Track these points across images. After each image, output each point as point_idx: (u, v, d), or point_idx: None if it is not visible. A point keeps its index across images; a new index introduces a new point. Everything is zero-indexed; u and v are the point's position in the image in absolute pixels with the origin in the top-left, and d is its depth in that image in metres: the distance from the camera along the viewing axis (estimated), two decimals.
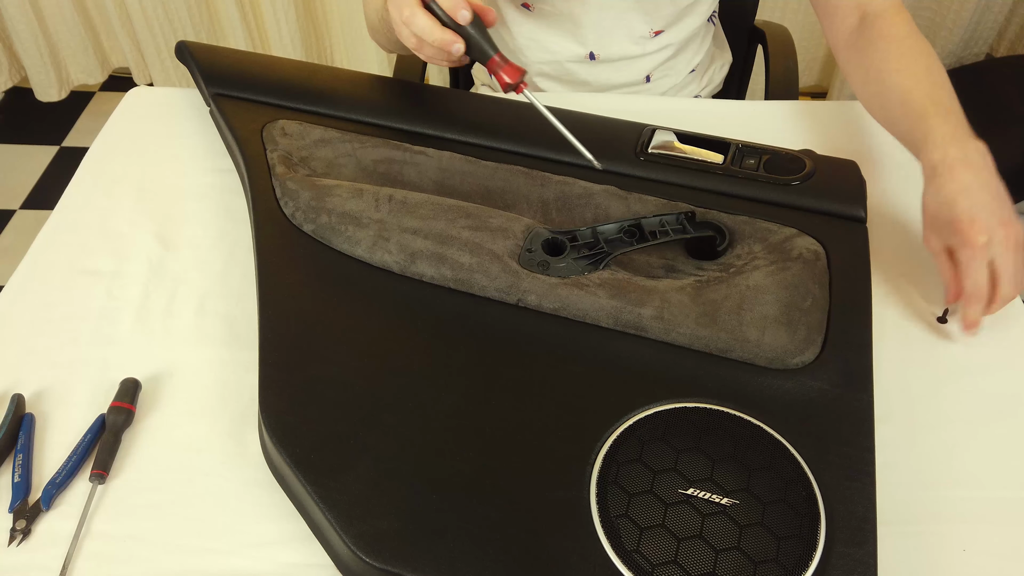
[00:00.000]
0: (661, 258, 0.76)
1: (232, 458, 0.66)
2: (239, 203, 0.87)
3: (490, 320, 0.70)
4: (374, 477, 0.59)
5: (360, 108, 0.89)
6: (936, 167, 0.73)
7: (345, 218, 0.75)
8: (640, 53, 1.03)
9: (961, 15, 1.97)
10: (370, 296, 0.72)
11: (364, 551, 0.55)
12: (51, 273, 0.81)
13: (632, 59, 1.03)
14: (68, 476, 0.65)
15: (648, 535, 0.55)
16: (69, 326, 0.76)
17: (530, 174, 0.81)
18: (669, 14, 1.00)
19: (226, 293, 0.78)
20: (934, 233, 0.73)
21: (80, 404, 0.70)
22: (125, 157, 0.94)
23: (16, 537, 0.62)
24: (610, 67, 1.04)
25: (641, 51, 1.03)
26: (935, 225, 0.73)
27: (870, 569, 0.54)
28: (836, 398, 0.64)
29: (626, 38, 1.01)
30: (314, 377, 0.65)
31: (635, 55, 1.03)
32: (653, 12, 0.99)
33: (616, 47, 1.02)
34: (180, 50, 0.96)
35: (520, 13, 1.04)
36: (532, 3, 1.01)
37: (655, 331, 0.68)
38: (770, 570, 0.54)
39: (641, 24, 1.00)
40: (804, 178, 0.80)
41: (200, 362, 0.73)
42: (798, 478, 0.58)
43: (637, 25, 1.00)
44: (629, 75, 1.05)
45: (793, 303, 0.69)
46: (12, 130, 2.26)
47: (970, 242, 0.69)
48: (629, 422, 0.62)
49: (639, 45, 1.02)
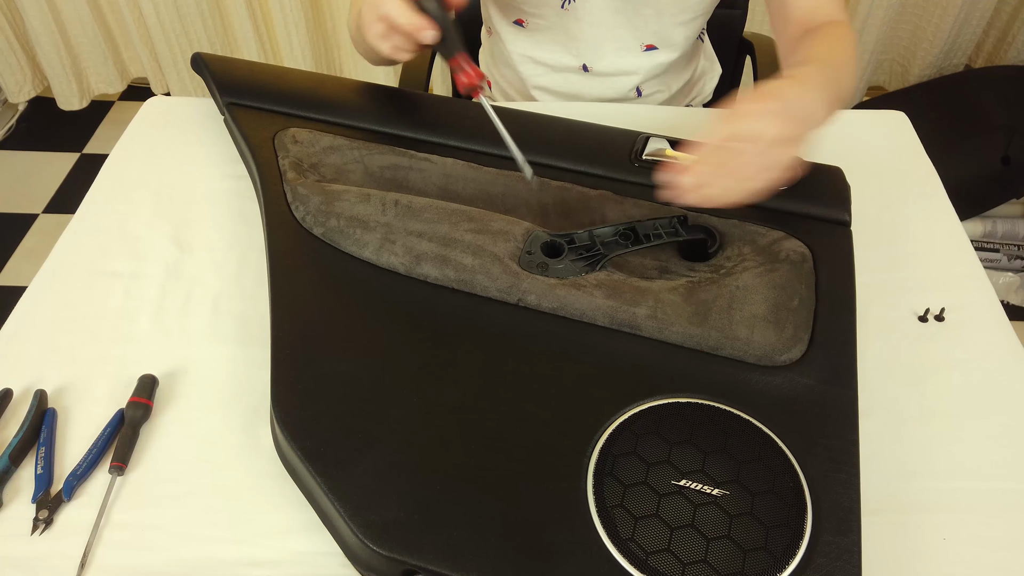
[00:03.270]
0: (655, 260, 0.76)
1: (245, 451, 0.66)
2: (252, 207, 0.87)
3: (491, 319, 0.69)
4: (381, 469, 0.59)
5: (367, 117, 0.89)
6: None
7: (353, 222, 0.75)
8: (632, 67, 1.03)
9: (941, 28, 1.97)
10: (377, 296, 0.72)
11: (371, 539, 0.55)
12: (72, 274, 0.81)
13: (624, 73, 1.03)
14: (88, 468, 0.65)
15: (642, 524, 0.55)
16: (89, 325, 0.76)
17: None
18: (658, 30, 0.99)
19: (239, 293, 0.78)
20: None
21: (100, 399, 0.70)
22: (143, 163, 0.94)
23: (39, 526, 0.62)
24: (603, 80, 1.04)
25: (633, 65, 1.02)
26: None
27: (854, 556, 0.54)
28: (822, 393, 0.64)
29: (617, 52, 1.01)
30: (323, 373, 0.65)
31: (627, 69, 1.03)
32: (642, 28, 0.99)
33: (608, 60, 1.02)
34: (196, 61, 0.96)
35: (514, 29, 1.04)
36: (526, 19, 1.01)
37: (649, 330, 0.68)
38: (759, 558, 0.54)
39: (631, 39, 1.00)
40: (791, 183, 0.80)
41: (214, 359, 0.73)
42: (786, 470, 0.58)
43: (627, 39, 1.00)
44: (621, 88, 1.05)
45: (781, 303, 0.69)
46: (35, 137, 2.26)
47: (753, 102, 0.65)
48: (624, 416, 0.61)
49: (630, 59, 1.02)
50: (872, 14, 1.94)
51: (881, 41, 2.01)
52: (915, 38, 2.04)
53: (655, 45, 1.01)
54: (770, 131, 0.64)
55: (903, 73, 2.11)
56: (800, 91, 0.68)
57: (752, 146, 0.64)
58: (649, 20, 0.98)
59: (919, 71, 2.07)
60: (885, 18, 1.95)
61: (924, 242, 0.83)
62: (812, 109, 0.69)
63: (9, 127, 2.27)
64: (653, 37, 1.00)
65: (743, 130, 0.64)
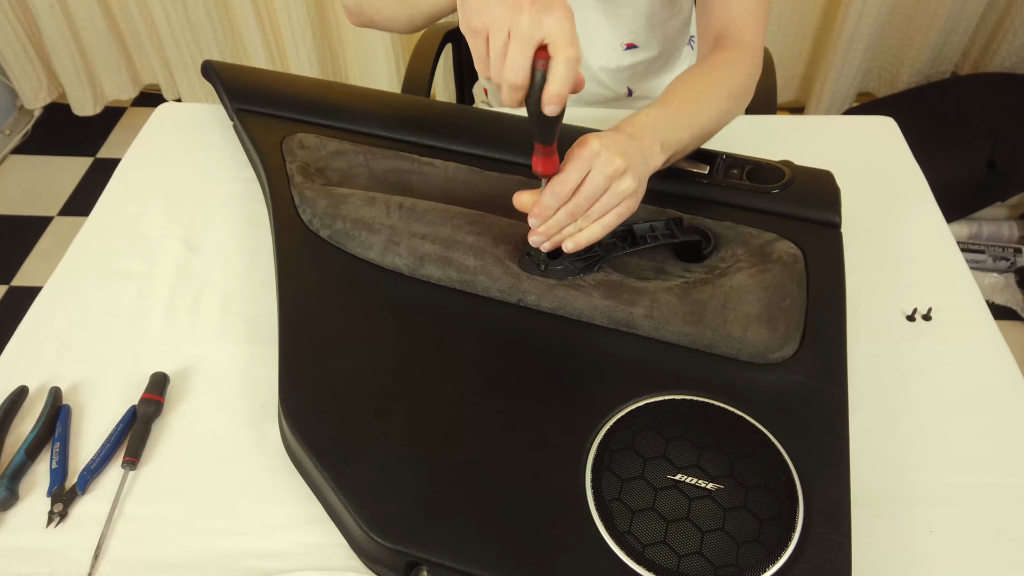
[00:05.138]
0: (651, 261, 0.76)
1: (254, 446, 0.66)
2: (260, 210, 0.87)
3: (493, 319, 0.69)
4: (385, 464, 0.59)
5: (372, 122, 0.89)
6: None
7: (359, 224, 0.75)
8: (616, 65, 1.02)
9: (928, 36, 1.97)
10: (381, 296, 0.72)
11: (376, 532, 0.55)
12: (86, 275, 0.81)
13: (610, 71, 1.03)
14: (102, 463, 0.65)
15: (639, 517, 0.55)
16: (103, 324, 0.76)
17: (530, 183, 0.81)
18: (638, 28, 0.99)
19: (248, 293, 0.78)
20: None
21: (113, 396, 0.70)
22: (154, 167, 0.94)
23: (54, 519, 0.62)
24: (590, 78, 1.04)
25: (616, 63, 1.02)
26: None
27: (844, 549, 0.54)
28: (813, 390, 0.63)
29: (601, 50, 1.01)
30: (329, 371, 0.65)
31: (612, 67, 1.02)
32: (621, 27, 0.98)
33: (593, 58, 1.02)
34: (206, 68, 0.96)
35: None
36: None
37: (646, 329, 0.68)
38: (752, 550, 0.54)
39: (611, 36, 1.00)
40: (783, 187, 0.80)
41: (224, 357, 0.73)
42: (778, 464, 0.58)
43: (608, 37, 1.00)
44: (610, 86, 1.05)
45: (773, 302, 0.69)
46: (51, 142, 2.26)
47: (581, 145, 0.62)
48: (622, 413, 0.61)
49: (612, 57, 1.02)
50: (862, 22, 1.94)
51: (870, 49, 2.00)
52: (903, 46, 2.04)
53: (635, 44, 1.01)
54: (606, 168, 0.61)
55: (892, 80, 2.11)
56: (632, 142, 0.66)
57: (592, 186, 0.62)
58: (627, 19, 0.98)
59: (907, 78, 2.07)
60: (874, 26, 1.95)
61: (912, 243, 0.83)
62: (647, 153, 0.67)
63: (25, 132, 2.27)
64: (631, 36, 1.00)
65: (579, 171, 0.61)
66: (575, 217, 0.64)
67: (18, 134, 2.25)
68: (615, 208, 0.64)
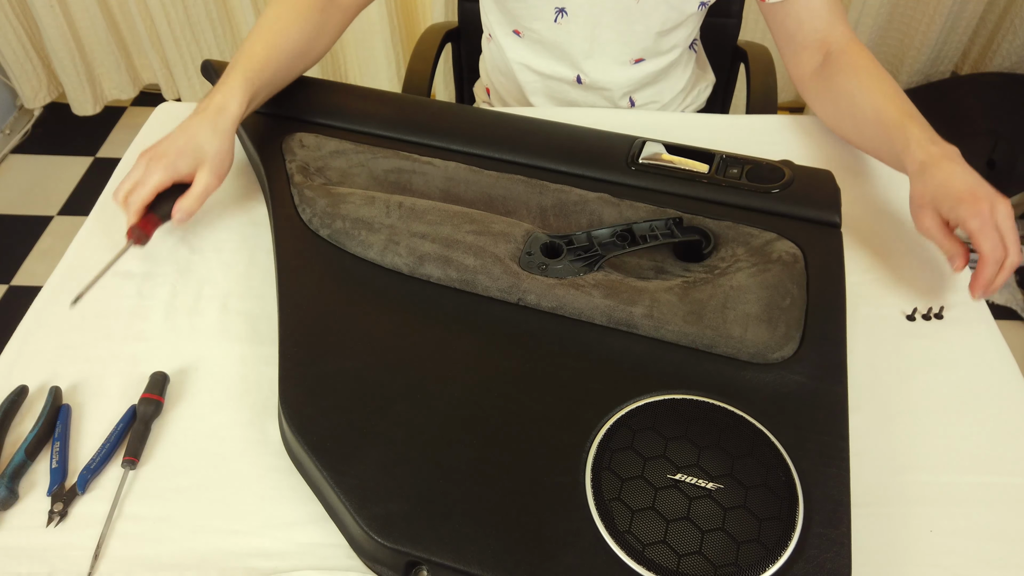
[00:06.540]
0: (651, 260, 0.76)
1: (253, 445, 0.66)
2: (260, 209, 0.86)
3: (492, 318, 0.69)
4: (385, 463, 0.59)
5: (372, 122, 0.89)
6: (924, 162, 0.74)
7: (358, 223, 0.75)
8: (624, 79, 1.02)
9: (928, 36, 1.97)
10: (381, 296, 0.72)
11: (376, 531, 0.55)
12: (86, 274, 0.81)
13: (616, 85, 1.03)
14: (102, 462, 0.65)
15: (639, 517, 0.55)
16: (103, 323, 0.76)
17: (529, 183, 0.81)
18: (647, 45, 0.99)
19: (248, 293, 0.78)
20: (928, 214, 0.74)
21: (113, 395, 0.70)
22: None
23: (54, 518, 0.62)
24: (596, 91, 1.04)
25: (624, 78, 1.02)
26: (932, 205, 0.73)
27: (844, 548, 0.54)
28: (813, 390, 0.63)
29: (608, 65, 1.01)
30: (330, 371, 0.65)
31: (619, 81, 1.03)
32: (632, 44, 0.99)
33: (600, 72, 1.02)
34: (205, 68, 0.96)
35: (513, 38, 1.04)
36: (522, 30, 1.01)
37: (646, 328, 0.68)
38: (752, 549, 0.54)
39: (621, 53, 1.00)
40: (783, 186, 0.80)
41: (224, 357, 0.73)
42: (778, 464, 0.58)
43: (617, 53, 1.00)
44: (614, 98, 1.05)
45: (773, 302, 0.69)
46: (51, 142, 2.26)
47: (978, 212, 0.69)
48: (621, 412, 0.61)
49: (621, 72, 1.02)
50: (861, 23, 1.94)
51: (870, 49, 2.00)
52: (903, 46, 2.04)
53: (643, 58, 1.01)
54: (1011, 216, 0.70)
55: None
56: (966, 168, 0.74)
57: (1010, 230, 0.70)
58: (639, 35, 0.98)
59: (907, 78, 2.07)
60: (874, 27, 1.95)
61: (912, 243, 0.83)
62: (972, 170, 0.74)
63: (25, 132, 2.27)
64: (641, 51, 1.00)
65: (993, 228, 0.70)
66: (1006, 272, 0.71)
67: (18, 134, 2.25)
68: (1017, 231, 0.70)
